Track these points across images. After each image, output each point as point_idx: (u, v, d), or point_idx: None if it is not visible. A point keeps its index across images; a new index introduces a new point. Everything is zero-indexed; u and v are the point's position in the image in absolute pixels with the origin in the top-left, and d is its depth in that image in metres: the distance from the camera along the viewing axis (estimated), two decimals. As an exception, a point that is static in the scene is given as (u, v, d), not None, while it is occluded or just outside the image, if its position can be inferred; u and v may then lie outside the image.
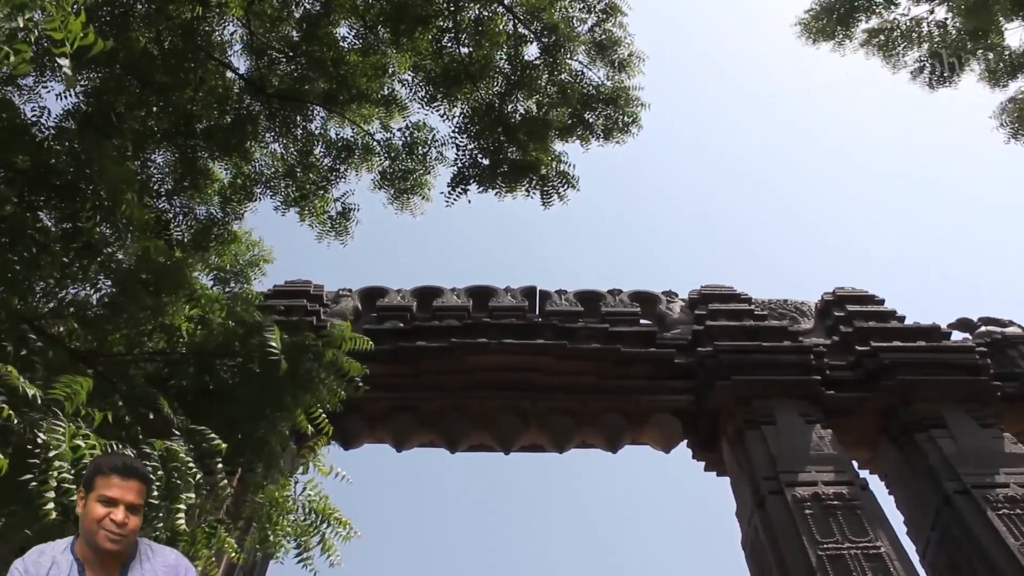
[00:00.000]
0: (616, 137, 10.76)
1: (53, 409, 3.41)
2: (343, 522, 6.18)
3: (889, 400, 11.40)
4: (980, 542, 9.11)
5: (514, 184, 10.57)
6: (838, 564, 8.62)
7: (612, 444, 11.81)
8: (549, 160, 10.42)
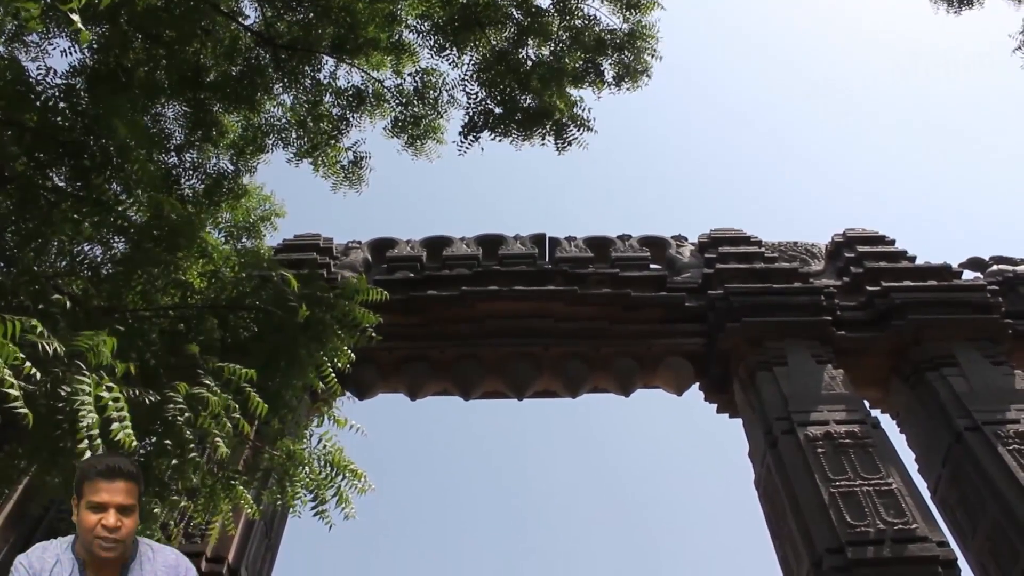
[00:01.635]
0: (628, 84, 10.65)
1: (76, 363, 3.46)
2: (358, 474, 6.21)
3: (900, 340, 11.42)
4: (991, 477, 9.19)
5: (529, 131, 10.49)
6: (850, 501, 8.73)
7: (625, 388, 11.91)
8: (564, 106, 10.33)
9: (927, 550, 8.26)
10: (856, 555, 8.12)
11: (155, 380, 4.19)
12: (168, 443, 4.23)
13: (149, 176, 6.92)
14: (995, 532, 9.04)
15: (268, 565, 9.44)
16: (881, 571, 8.04)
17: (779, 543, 9.49)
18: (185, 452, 4.19)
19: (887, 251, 12.97)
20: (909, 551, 8.22)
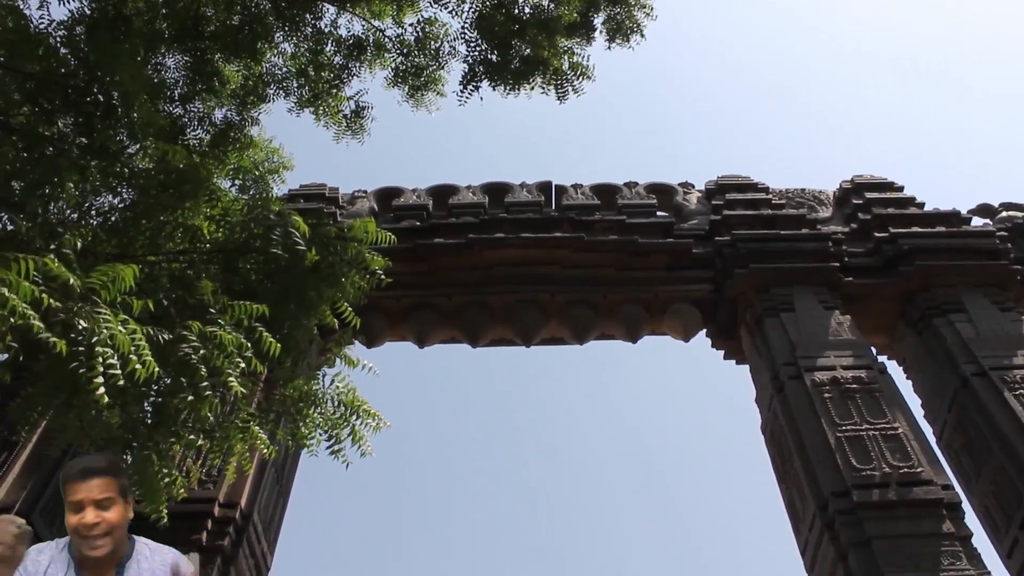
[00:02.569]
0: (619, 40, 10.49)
1: (92, 298, 3.47)
2: (372, 413, 6.23)
3: (908, 286, 11.42)
4: (996, 422, 9.24)
5: (526, 79, 10.38)
6: (856, 445, 8.80)
7: (632, 335, 11.95)
8: (562, 53, 10.20)
9: (932, 493, 8.34)
10: (861, 498, 8.21)
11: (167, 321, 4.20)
12: (183, 380, 4.26)
13: (154, 124, 6.88)
14: (999, 476, 9.12)
15: (280, 511, 9.58)
16: (886, 514, 8.13)
17: (785, 487, 9.59)
18: (200, 390, 4.22)
19: (895, 197, 12.89)
20: (914, 494, 8.31)
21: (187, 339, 4.09)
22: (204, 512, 8.16)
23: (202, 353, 4.09)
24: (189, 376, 4.22)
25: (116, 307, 3.59)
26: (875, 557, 7.75)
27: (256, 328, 4.65)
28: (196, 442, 5.13)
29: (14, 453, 8.82)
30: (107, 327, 3.38)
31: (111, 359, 3.35)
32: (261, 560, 8.76)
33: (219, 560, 7.95)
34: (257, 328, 4.65)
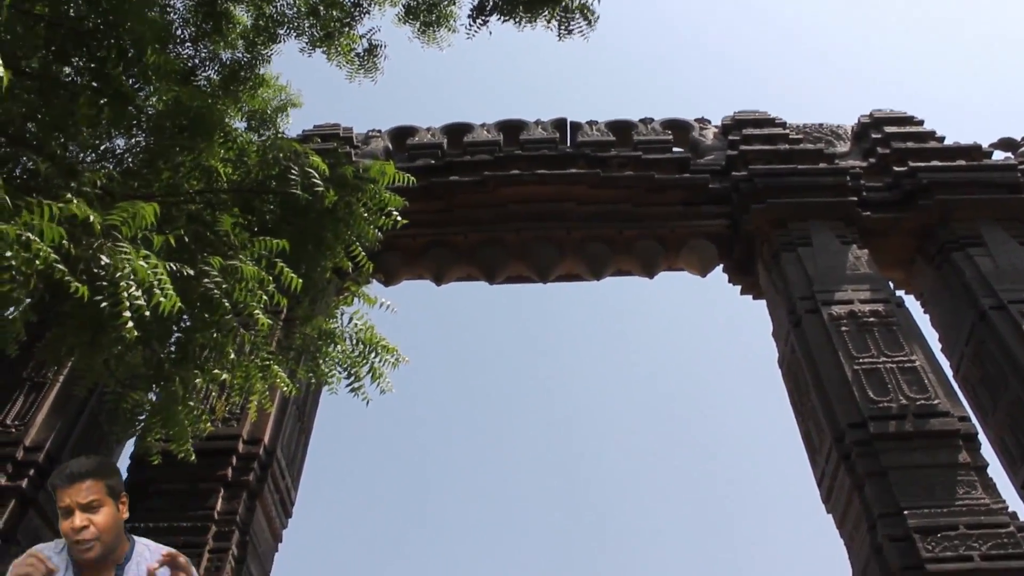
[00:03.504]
0: None
1: (113, 234, 3.49)
2: (391, 349, 6.27)
3: (926, 220, 11.33)
4: (1014, 355, 9.24)
5: (535, 13, 10.22)
6: (873, 377, 8.84)
7: (648, 270, 11.95)
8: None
9: (948, 424, 8.39)
10: (878, 429, 8.27)
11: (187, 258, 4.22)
12: (206, 316, 4.30)
13: (166, 66, 6.84)
14: (1015, 408, 9.16)
15: (302, 448, 9.75)
16: (902, 445, 8.19)
17: (802, 419, 9.66)
18: (223, 325, 4.27)
19: (915, 131, 12.72)
20: (930, 425, 8.36)
21: (208, 274, 4.11)
22: (228, 449, 8.31)
23: (224, 287, 4.11)
24: (212, 311, 4.26)
25: (137, 243, 3.61)
26: (891, 487, 7.83)
27: (277, 263, 4.67)
28: (220, 376, 5.19)
29: (42, 394, 8.98)
30: (129, 262, 3.40)
31: (136, 292, 3.38)
32: (286, 495, 8.95)
33: (244, 495, 8.12)
34: (278, 263, 4.67)
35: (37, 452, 8.40)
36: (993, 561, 7.21)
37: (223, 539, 7.70)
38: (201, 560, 7.41)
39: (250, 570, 7.77)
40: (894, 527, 7.54)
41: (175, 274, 3.71)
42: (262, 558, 8.27)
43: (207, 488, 8.07)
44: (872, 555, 7.56)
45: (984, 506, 7.71)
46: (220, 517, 7.87)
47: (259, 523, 8.28)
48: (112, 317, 3.46)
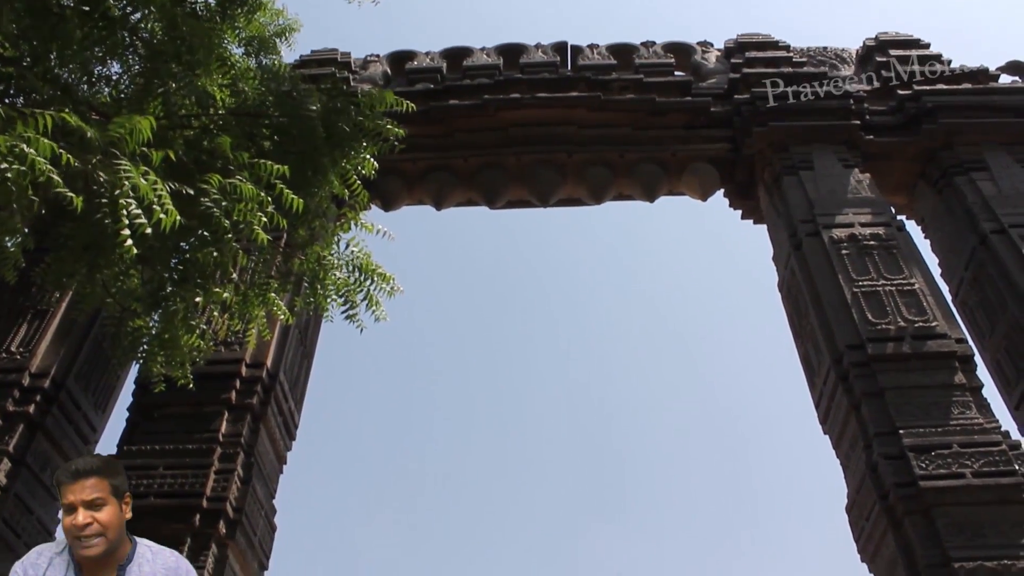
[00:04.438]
0: None
1: (112, 151, 3.45)
2: (387, 277, 6.27)
3: (930, 144, 11.24)
4: (1013, 279, 9.26)
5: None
6: (872, 300, 8.87)
7: (649, 194, 11.89)
8: None
9: (946, 346, 8.46)
10: (876, 351, 8.33)
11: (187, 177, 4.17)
12: (206, 234, 4.28)
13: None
14: (1013, 331, 9.22)
15: (305, 372, 9.82)
16: (900, 366, 8.26)
17: (801, 342, 9.72)
18: (223, 244, 4.25)
19: (921, 55, 12.51)
20: (928, 347, 8.42)
21: (208, 193, 4.08)
22: (231, 373, 8.38)
23: (224, 206, 4.08)
24: (212, 230, 4.23)
25: (136, 159, 3.57)
26: (887, 407, 7.93)
27: (276, 184, 4.63)
28: (222, 295, 5.19)
29: (45, 321, 9.02)
30: (128, 178, 3.36)
31: (136, 210, 3.35)
32: (289, 418, 9.05)
33: (248, 418, 8.22)
34: (277, 184, 4.64)
35: (43, 378, 8.48)
36: (984, 478, 7.34)
37: (228, 460, 7.82)
38: (207, 481, 7.53)
39: (256, 491, 7.90)
40: (889, 446, 7.66)
41: (175, 193, 3.67)
42: (267, 479, 8.40)
43: (211, 411, 8.16)
44: (867, 473, 7.68)
45: (978, 425, 7.82)
46: (225, 439, 7.98)
47: (263, 445, 8.40)
48: (111, 236, 3.44)
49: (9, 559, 7.77)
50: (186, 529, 7.29)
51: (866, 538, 7.77)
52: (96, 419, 9.14)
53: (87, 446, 8.98)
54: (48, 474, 8.37)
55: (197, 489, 7.45)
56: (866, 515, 7.72)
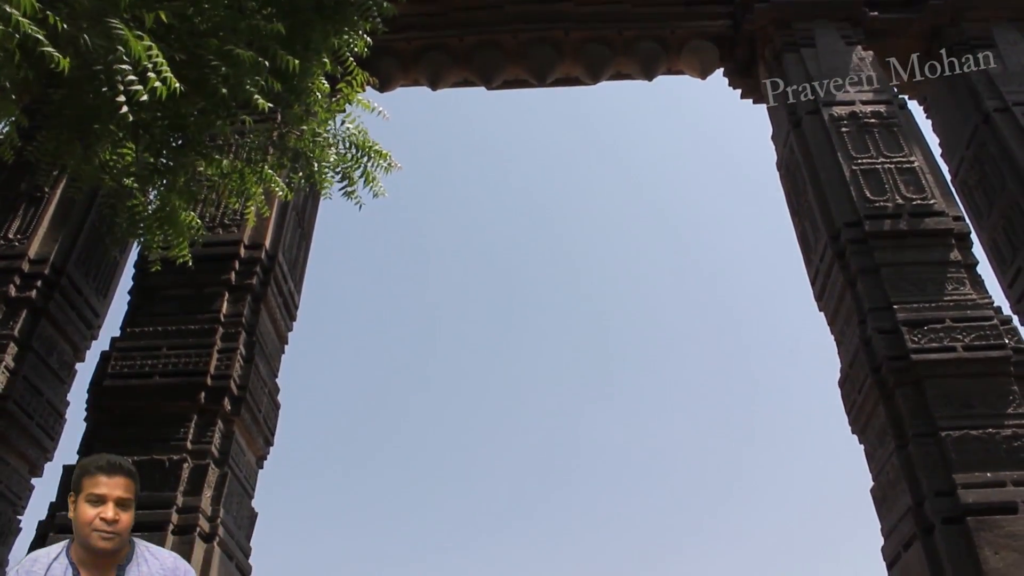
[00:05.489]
0: None
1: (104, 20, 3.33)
2: (384, 154, 6.23)
3: (936, 20, 10.99)
4: (1014, 156, 9.20)
5: None
6: (871, 177, 8.83)
7: (647, 72, 11.65)
8: None
9: (943, 223, 8.47)
10: (873, 227, 8.35)
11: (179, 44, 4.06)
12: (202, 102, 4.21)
13: None
14: (1011, 209, 9.21)
15: (303, 253, 9.83)
16: (897, 243, 8.30)
17: (798, 219, 9.72)
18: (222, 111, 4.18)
19: (929, -74, 12.07)
20: (925, 224, 8.44)
21: (204, 58, 3.98)
22: (230, 254, 8.40)
23: (222, 72, 3.99)
24: (208, 97, 4.16)
25: (128, 23, 3.46)
26: (882, 283, 8.00)
27: (271, 47, 4.53)
28: (221, 161, 5.15)
29: (41, 207, 8.98)
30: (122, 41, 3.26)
31: (130, 76, 3.27)
32: (289, 298, 9.12)
33: (249, 298, 8.28)
34: (272, 47, 4.54)
35: (42, 264, 8.49)
36: (975, 351, 7.47)
37: (230, 340, 7.91)
38: (210, 360, 7.64)
39: (258, 369, 8.02)
40: (883, 320, 7.76)
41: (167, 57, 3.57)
42: (269, 358, 8.53)
43: (212, 292, 8.22)
44: (861, 347, 7.80)
45: (971, 301, 7.91)
46: (226, 319, 8.06)
47: (264, 325, 8.49)
48: (106, 104, 3.37)
49: (23, 440, 7.97)
50: (191, 407, 7.45)
51: (857, 410, 7.96)
52: (98, 304, 9.20)
53: (90, 330, 9.07)
54: (55, 358, 8.48)
55: (201, 368, 7.57)
56: (858, 388, 7.88)
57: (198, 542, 6.73)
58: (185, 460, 7.11)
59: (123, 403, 7.57)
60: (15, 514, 8.21)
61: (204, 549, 6.82)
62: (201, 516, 6.87)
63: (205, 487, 7.05)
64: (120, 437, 7.40)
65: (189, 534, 6.73)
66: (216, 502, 7.12)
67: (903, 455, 7.16)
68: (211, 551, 6.84)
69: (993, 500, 6.66)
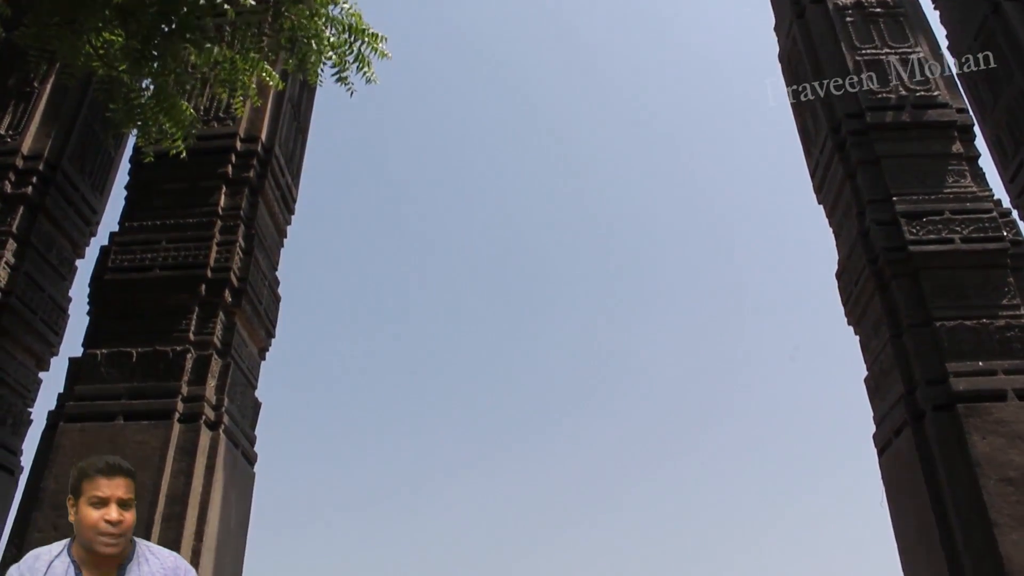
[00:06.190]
0: None
1: None
2: (378, 37, 6.08)
3: (947, -96, 10.62)
4: (1022, 47, 9.01)
5: None
6: (875, 68, 8.69)
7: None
8: None
9: (946, 115, 8.38)
10: (875, 119, 8.26)
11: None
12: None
13: None
14: (1015, 103, 9.09)
15: (300, 147, 9.73)
16: (898, 135, 8.23)
17: (799, 112, 9.60)
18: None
19: None
20: (928, 116, 8.35)
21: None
22: (226, 147, 8.33)
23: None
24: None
25: None
26: (883, 175, 7.97)
27: None
28: (212, 50, 5.06)
29: (31, 103, 8.86)
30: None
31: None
32: (287, 192, 9.07)
33: (246, 191, 8.24)
34: None
35: (36, 160, 8.42)
36: (972, 243, 7.50)
37: (229, 233, 7.91)
38: (210, 253, 7.66)
39: (258, 261, 8.04)
40: (882, 212, 7.76)
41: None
42: (269, 251, 8.54)
43: (209, 186, 8.18)
44: (859, 239, 7.82)
45: (971, 193, 7.89)
46: (224, 212, 8.04)
47: (263, 218, 8.47)
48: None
49: (28, 335, 8.04)
50: (192, 299, 7.50)
51: (854, 302, 8.02)
52: (95, 200, 9.17)
53: (88, 227, 9.06)
54: (54, 254, 8.49)
55: (201, 260, 7.60)
56: (855, 280, 7.93)
57: (204, 430, 6.88)
58: (188, 351, 7.20)
59: (124, 296, 7.63)
60: (25, 406, 8.36)
61: (210, 436, 6.97)
62: (206, 405, 7.00)
63: (209, 377, 7.16)
64: (123, 330, 7.48)
65: (195, 422, 6.87)
66: (220, 391, 7.25)
67: (897, 345, 7.26)
68: (216, 438, 6.98)
69: (983, 388, 6.78)
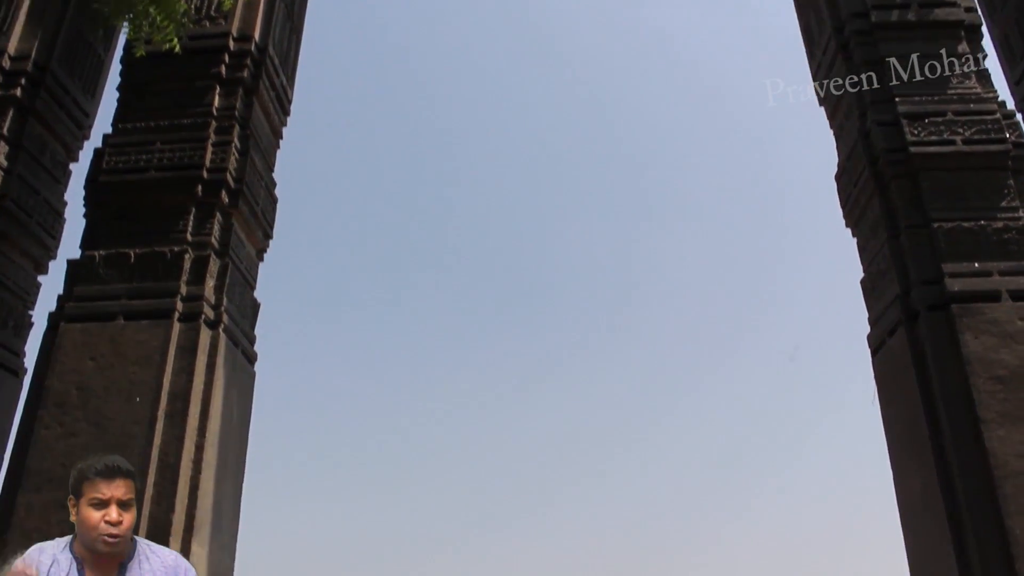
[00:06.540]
0: None
1: None
2: None
3: None
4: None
5: None
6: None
7: None
8: None
9: (953, 15, 8.24)
10: (880, 18, 8.11)
11: None
12: None
13: None
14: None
15: (294, 48, 9.52)
16: (904, 34, 8.09)
17: (801, 12, 9.40)
18: None
19: None
20: (935, 15, 8.20)
21: None
22: (220, 47, 8.16)
23: None
24: None
25: None
26: (886, 75, 7.84)
27: None
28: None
29: (14, 2, 8.62)
30: None
31: None
32: (281, 92, 8.91)
33: (241, 91, 8.10)
34: None
35: (24, 61, 8.23)
36: (974, 145, 7.45)
37: (224, 133, 7.81)
38: (205, 153, 7.59)
39: (254, 162, 7.96)
40: (884, 113, 7.68)
41: None
42: (264, 152, 8.45)
43: (203, 86, 8.05)
44: (859, 140, 7.75)
45: (975, 95, 7.81)
46: (219, 113, 7.94)
47: (258, 119, 8.35)
48: None
49: (25, 238, 8.01)
50: (188, 200, 7.47)
51: (852, 203, 8.00)
52: (87, 104, 9.01)
53: (81, 131, 8.93)
54: (47, 158, 8.39)
55: (196, 161, 7.54)
56: (855, 181, 7.89)
57: (203, 328, 6.94)
58: (186, 251, 7.20)
59: (120, 198, 7.59)
60: (26, 309, 8.39)
61: (210, 335, 7.03)
62: (205, 304, 7.04)
63: (207, 277, 7.19)
64: (120, 231, 7.48)
65: (194, 321, 6.92)
66: (219, 291, 7.28)
67: (894, 245, 7.27)
68: (217, 337, 7.05)
69: (978, 288, 6.83)
